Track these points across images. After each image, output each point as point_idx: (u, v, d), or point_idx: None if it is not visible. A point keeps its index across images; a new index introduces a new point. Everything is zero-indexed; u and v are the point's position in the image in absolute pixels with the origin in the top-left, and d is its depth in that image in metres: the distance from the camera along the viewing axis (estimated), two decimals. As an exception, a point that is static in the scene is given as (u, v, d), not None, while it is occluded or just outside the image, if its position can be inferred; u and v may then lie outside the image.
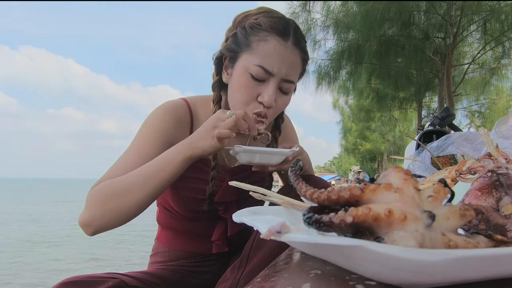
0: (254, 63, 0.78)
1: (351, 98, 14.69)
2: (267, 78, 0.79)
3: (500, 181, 0.45)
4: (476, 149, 0.95)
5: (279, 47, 0.78)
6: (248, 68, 0.78)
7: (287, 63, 0.79)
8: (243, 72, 0.79)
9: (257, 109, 0.80)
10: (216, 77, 0.88)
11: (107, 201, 0.68)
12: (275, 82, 0.79)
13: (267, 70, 0.78)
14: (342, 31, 8.81)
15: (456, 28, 7.75)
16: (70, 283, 0.62)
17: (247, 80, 0.79)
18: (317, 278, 0.29)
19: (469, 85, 10.34)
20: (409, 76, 9.49)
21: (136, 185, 0.69)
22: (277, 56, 0.78)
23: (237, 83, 0.80)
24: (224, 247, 0.89)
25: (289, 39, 0.79)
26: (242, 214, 0.43)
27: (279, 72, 0.78)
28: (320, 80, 9.88)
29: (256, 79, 0.78)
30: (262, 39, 0.78)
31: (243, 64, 0.79)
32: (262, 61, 0.77)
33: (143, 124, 0.83)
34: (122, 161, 0.77)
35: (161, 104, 0.86)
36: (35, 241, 6.81)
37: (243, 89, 0.79)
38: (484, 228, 0.35)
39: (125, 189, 0.69)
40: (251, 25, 0.80)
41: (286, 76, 0.80)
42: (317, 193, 0.32)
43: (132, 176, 0.70)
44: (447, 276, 0.23)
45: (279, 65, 0.78)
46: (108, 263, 5.09)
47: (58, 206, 15.29)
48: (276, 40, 0.78)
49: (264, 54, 0.77)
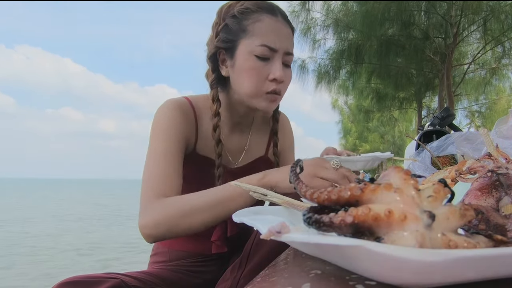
0: (256, 44, 0.79)
1: (350, 98, 14.70)
2: (272, 56, 0.81)
3: (500, 181, 0.45)
4: (476, 149, 0.95)
5: (274, 23, 0.81)
6: (252, 51, 0.80)
7: (284, 36, 0.82)
8: (247, 57, 0.80)
9: (271, 88, 0.81)
10: (213, 74, 0.87)
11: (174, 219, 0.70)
12: (280, 57, 0.81)
13: (270, 47, 0.80)
14: (342, 31, 8.81)
15: (456, 28, 7.75)
16: (70, 283, 0.62)
17: (254, 62, 0.80)
18: (317, 278, 0.29)
19: (469, 85, 10.34)
20: (409, 76, 9.48)
21: (204, 209, 0.71)
22: (275, 32, 0.81)
23: (244, 69, 0.81)
24: (223, 247, 0.89)
25: (278, 14, 0.83)
26: (242, 214, 0.43)
27: (281, 47, 0.81)
28: (320, 79, 9.87)
29: (262, 59, 0.80)
30: (256, 20, 0.80)
31: (245, 49, 0.81)
32: (264, 40, 0.79)
33: (155, 126, 0.83)
34: (155, 168, 0.78)
35: (164, 102, 0.87)
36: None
37: (252, 72, 0.81)
38: (484, 228, 0.35)
39: (193, 211, 0.71)
40: (240, 11, 0.82)
41: (287, 49, 0.82)
42: (317, 193, 0.32)
43: (201, 199, 0.72)
44: (447, 276, 0.23)
45: (280, 40, 0.81)
46: (108, 263, 5.10)
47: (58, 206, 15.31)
48: (269, 18, 0.81)
49: (263, 33, 0.80)
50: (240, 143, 0.96)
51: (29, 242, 6.62)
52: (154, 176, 0.77)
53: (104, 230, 8.40)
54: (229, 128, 0.94)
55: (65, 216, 11.15)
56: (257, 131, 1.00)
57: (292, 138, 1.10)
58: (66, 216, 11.03)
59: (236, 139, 0.96)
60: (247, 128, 0.98)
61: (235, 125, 0.94)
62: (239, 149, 0.96)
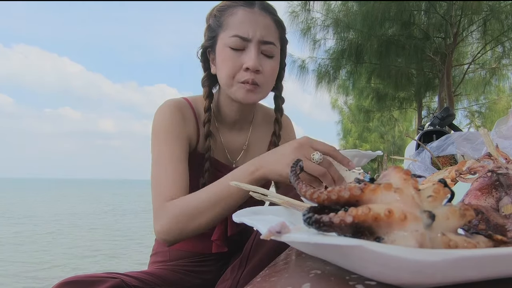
0: (229, 35, 0.81)
1: (350, 98, 14.70)
2: (246, 46, 0.81)
3: (500, 181, 0.45)
4: (476, 149, 0.95)
5: (247, 14, 0.82)
6: (226, 43, 0.81)
7: (259, 26, 0.82)
8: (222, 49, 0.82)
9: (244, 78, 0.81)
10: (205, 73, 0.90)
11: (183, 223, 0.72)
12: (254, 46, 0.81)
13: (242, 37, 0.80)
14: (342, 31, 8.81)
15: (456, 28, 7.76)
16: (70, 282, 0.62)
17: (228, 53, 0.81)
18: (317, 278, 0.29)
19: (469, 85, 10.34)
20: (409, 76, 9.49)
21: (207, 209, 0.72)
22: (248, 22, 0.81)
23: (220, 61, 0.83)
24: (223, 247, 0.89)
25: (255, 6, 0.83)
26: (242, 214, 0.43)
27: (254, 36, 0.81)
28: (320, 79, 9.88)
29: (236, 49, 0.81)
30: (231, 13, 0.82)
31: (221, 42, 0.83)
32: (236, 31, 0.81)
33: (157, 129, 0.84)
34: (163, 172, 0.78)
35: (163, 104, 0.87)
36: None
37: (226, 62, 0.82)
38: (484, 228, 0.35)
39: (198, 212, 0.72)
40: (219, 9, 0.85)
41: (262, 37, 0.82)
42: (317, 193, 0.32)
43: (203, 200, 0.72)
44: (447, 276, 0.23)
45: (253, 29, 0.81)
46: (108, 263, 5.09)
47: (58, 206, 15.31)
48: (243, 9, 0.82)
49: (235, 24, 0.81)
50: (239, 142, 0.96)
51: (29, 242, 6.62)
52: (163, 181, 0.77)
53: (104, 230, 8.40)
54: (227, 126, 0.95)
55: (65, 216, 11.15)
56: (258, 130, 1.00)
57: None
58: (65, 216, 11.03)
59: (234, 138, 0.96)
60: (247, 126, 0.98)
61: (234, 123, 0.95)
62: (238, 148, 0.96)
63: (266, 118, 1.03)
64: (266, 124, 1.02)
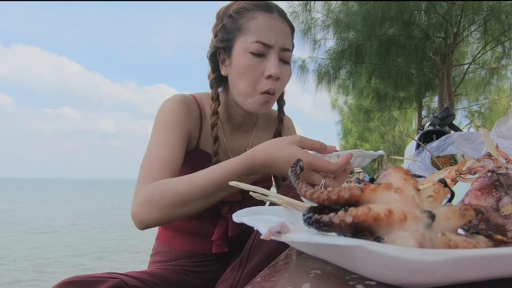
0: (251, 41, 0.80)
1: (350, 98, 14.70)
2: (267, 52, 0.81)
3: (500, 181, 0.45)
4: (476, 149, 0.95)
5: (268, 20, 0.81)
6: (247, 48, 0.80)
7: (280, 32, 0.82)
8: (242, 54, 0.81)
9: (266, 87, 0.81)
10: (213, 74, 0.89)
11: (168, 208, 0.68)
12: (275, 53, 0.81)
13: (265, 43, 0.80)
14: (343, 31, 8.81)
15: (456, 28, 7.75)
16: (70, 283, 0.62)
17: (249, 59, 0.80)
18: (317, 278, 0.29)
19: (469, 85, 10.34)
20: (409, 76, 9.49)
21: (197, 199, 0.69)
22: (270, 28, 0.81)
23: (239, 66, 0.82)
24: (224, 247, 0.89)
25: (274, 12, 0.83)
26: (242, 214, 0.43)
27: (276, 42, 0.81)
28: (320, 79, 9.88)
29: (257, 55, 0.80)
30: (251, 18, 0.81)
31: (241, 46, 0.81)
32: (259, 37, 0.80)
33: (158, 118, 0.83)
34: (152, 158, 0.77)
35: (171, 97, 0.87)
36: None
37: (247, 69, 0.81)
38: (484, 228, 0.35)
39: (187, 201, 0.69)
40: (236, 11, 0.83)
41: (283, 45, 0.82)
42: (317, 193, 0.32)
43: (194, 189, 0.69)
44: (447, 276, 0.23)
45: (275, 36, 0.80)
46: (108, 263, 5.10)
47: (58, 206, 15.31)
48: (264, 15, 0.81)
49: (257, 30, 0.80)
50: (242, 143, 0.96)
51: (29, 242, 6.62)
52: (151, 166, 0.75)
53: (103, 230, 8.40)
54: (231, 128, 0.95)
55: (64, 215, 11.15)
56: (261, 131, 1.00)
57: None
58: (65, 216, 11.03)
59: (238, 139, 0.96)
60: (251, 128, 0.98)
61: (238, 125, 0.95)
62: (241, 149, 0.96)
63: (268, 119, 1.03)
64: (268, 125, 1.03)
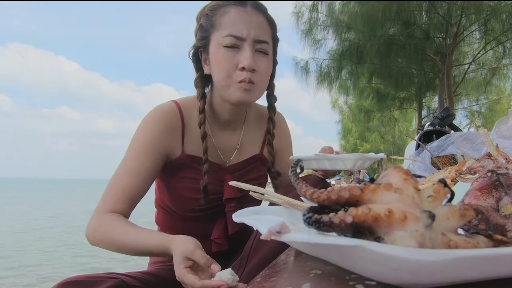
0: (223, 35, 0.81)
1: (350, 98, 14.70)
2: (241, 45, 0.82)
3: (500, 181, 0.45)
4: (476, 149, 0.95)
5: (240, 13, 0.82)
6: (220, 42, 0.81)
7: (253, 25, 0.82)
8: (217, 49, 0.82)
9: (241, 77, 0.82)
10: (197, 73, 0.90)
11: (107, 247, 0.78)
12: (249, 45, 0.82)
13: (237, 36, 0.81)
14: (343, 31, 8.82)
15: (456, 28, 7.76)
16: (70, 283, 0.62)
17: (223, 52, 0.81)
18: (317, 278, 0.29)
19: (470, 85, 10.34)
20: (410, 76, 9.49)
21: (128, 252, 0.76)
22: (242, 21, 0.82)
23: (215, 61, 0.83)
24: (224, 246, 0.89)
25: (247, 5, 0.84)
26: (242, 214, 0.43)
27: (248, 35, 0.81)
28: (321, 79, 9.89)
29: (231, 48, 0.81)
30: (223, 13, 0.83)
31: (215, 42, 0.83)
32: (230, 30, 0.81)
33: (134, 138, 0.85)
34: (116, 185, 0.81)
35: (151, 111, 0.87)
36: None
37: (222, 62, 0.82)
38: (484, 228, 0.35)
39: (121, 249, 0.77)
40: (211, 8, 0.85)
41: (257, 36, 0.82)
42: (317, 193, 0.32)
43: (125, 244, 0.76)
44: (447, 276, 0.23)
45: (246, 28, 0.81)
46: (108, 263, 5.10)
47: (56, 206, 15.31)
48: (236, 8, 0.83)
49: (229, 23, 0.81)
50: (231, 141, 0.96)
51: (28, 242, 6.63)
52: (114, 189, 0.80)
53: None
54: (220, 127, 0.94)
55: (64, 215, 11.16)
56: (251, 129, 0.99)
57: (289, 136, 1.09)
58: (65, 216, 11.03)
59: (227, 137, 0.95)
60: (240, 126, 0.98)
61: (226, 123, 0.94)
62: (230, 147, 0.95)
63: (258, 117, 1.02)
64: (259, 123, 1.01)
